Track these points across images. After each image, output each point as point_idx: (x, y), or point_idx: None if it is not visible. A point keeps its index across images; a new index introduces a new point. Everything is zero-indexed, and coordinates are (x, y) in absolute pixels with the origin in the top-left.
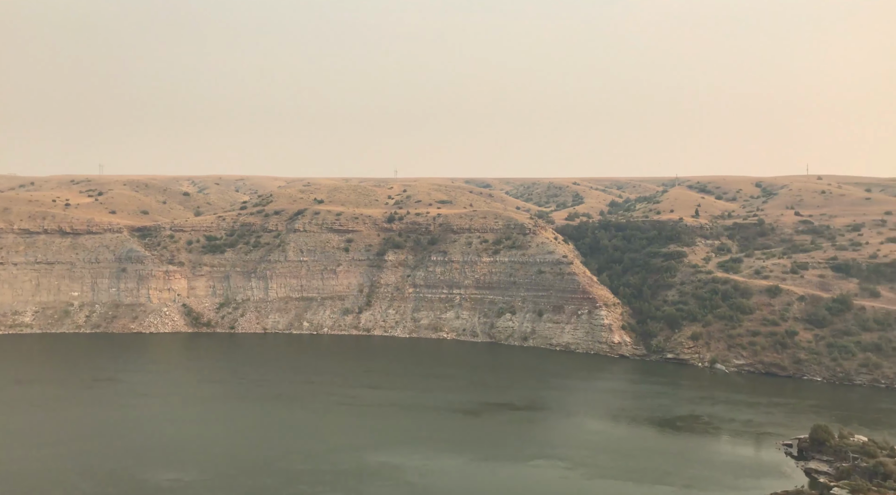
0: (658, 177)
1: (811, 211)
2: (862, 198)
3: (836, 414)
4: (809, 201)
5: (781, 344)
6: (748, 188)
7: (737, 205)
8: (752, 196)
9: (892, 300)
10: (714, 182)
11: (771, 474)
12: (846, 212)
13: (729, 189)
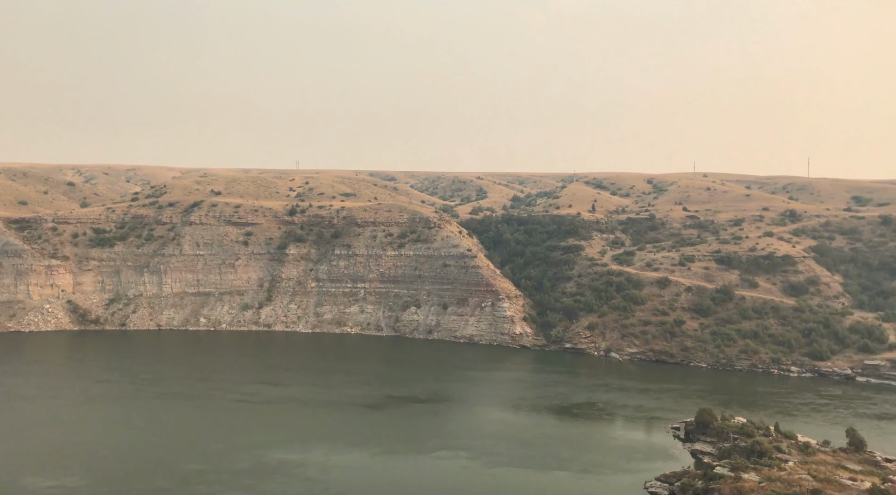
0: (557, 173)
1: (697, 206)
2: (743, 194)
3: (719, 397)
4: (696, 197)
5: (670, 332)
6: (641, 185)
7: (630, 201)
8: (645, 192)
9: (768, 290)
10: (609, 178)
11: (660, 456)
12: (729, 207)
13: (623, 185)
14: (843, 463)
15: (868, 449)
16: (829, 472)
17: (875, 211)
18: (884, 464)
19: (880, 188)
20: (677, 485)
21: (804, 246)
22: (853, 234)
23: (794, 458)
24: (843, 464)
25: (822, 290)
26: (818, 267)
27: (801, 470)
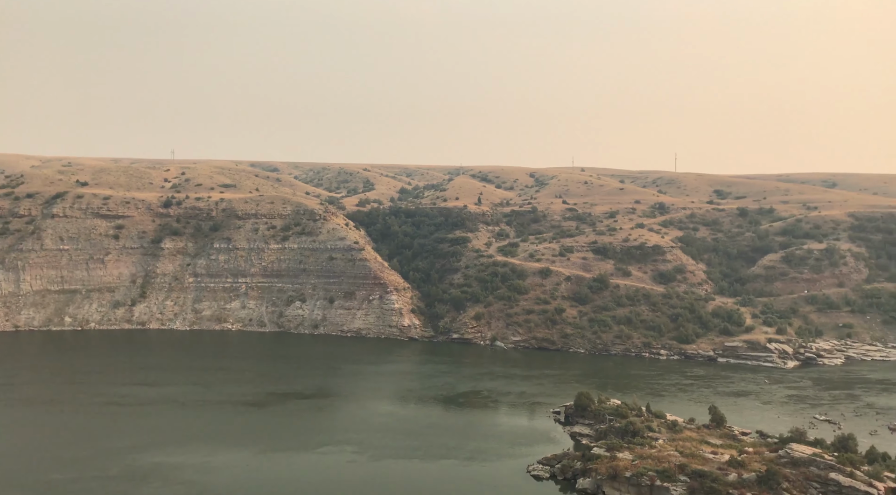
0: (444, 166)
1: (576, 199)
2: (617, 188)
3: (596, 381)
4: (574, 191)
5: (552, 320)
6: (523, 178)
7: (514, 194)
8: (527, 185)
9: (640, 278)
10: (494, 172)
11: (542, 440)
12: (604, 200)
13: (507, 179)
14: (706, 438)
15: (727, 424)
16: (694, 448)
17: (734, 203)
18: (740, 437)
19: (738, 182)
20: (558, 467)
21: (672, 236)
22: (715, 225)
23: (663, 436)
24: (707, 439)
25: (688, 278)
26: (684, 256)
27: (670, 446)
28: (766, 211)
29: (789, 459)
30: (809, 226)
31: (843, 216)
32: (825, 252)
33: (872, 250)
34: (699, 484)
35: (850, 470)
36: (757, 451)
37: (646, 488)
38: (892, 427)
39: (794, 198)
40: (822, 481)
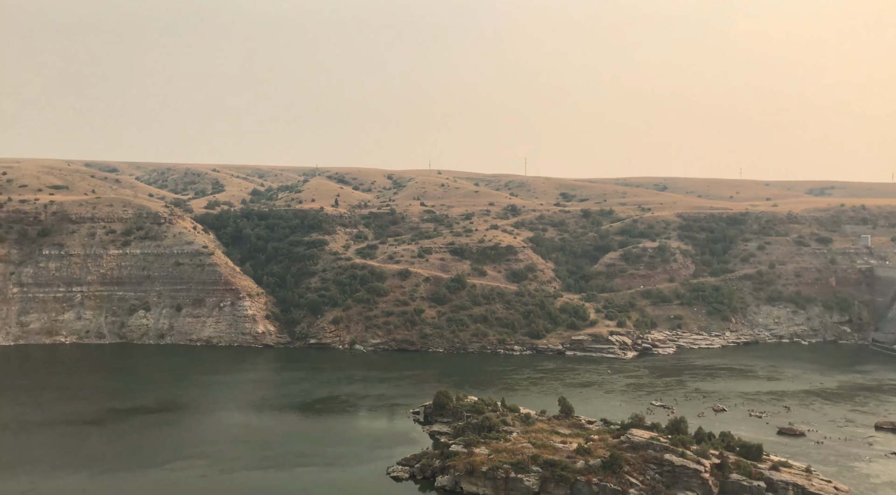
0: (299, 167)
1: (434, 202)
2: (472, 191)
3: (455, 379)
4: (432, 193)
5: (411, 321)
6: (381, 180)
7: (372, 196)
8: (385, 187)
9: (495, 278)
10: (351, 173)
11: (402, 441)
12: (461, 202)
13: (365, 180)
14: (556, 428)
15: (575, 414)
16: (546, 439)
17: (578, 206)
18: (587, 426)
19: (582, 186)
20: (417, 467)
21: (523, 237)
22: (562, 226)
23: (517, 429)
24: (557, 430)
25: (539, 276)
26: (535, 255)
27: (524, 439)
28: (606, 212)
29: (630, 444)
30: (644, 226)
31: (672, 217)
32: (658, 250)
33: (698, 247)
34: (550, 473)
35: (681, 450)
36: (602, 438)
37: (501, 481)
38: (716, 408)
39: (630, 201)
40: (658, 462)
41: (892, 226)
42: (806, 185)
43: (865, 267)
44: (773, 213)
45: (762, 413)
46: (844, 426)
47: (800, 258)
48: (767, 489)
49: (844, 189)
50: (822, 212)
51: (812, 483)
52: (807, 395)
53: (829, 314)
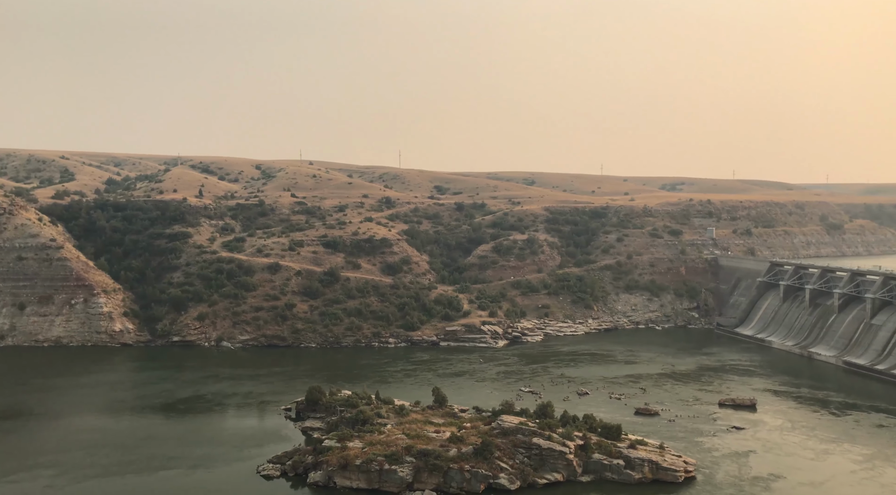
0: (160, 156)
1: (305, 193)
2: (346, 182)
3: (328, 374)
4: (303, 184)
5: (282, 316)
6: (249, 170)
7: (239, 186)
8: (254, 178)
9: (369, 271)
10: (217, 163)
11: (273, 439)
12: (333, 194)
13: (231, 170)
14: (430, 418)
15: (449, 403)
16: (419, 429)
17: (452, 199)
18: (460, 415)
19: (455, 179)
20: (289, 464)
21: (398, 229)
22: (436, 219)
23: (392, 421)
24: (431, 420)
25: (413, 269)
26: (410, 248)
27: (398, 430)
28: (479, 205)
29: (501, 430)
30: (514, 219)
31: (540, 210)
32: (527, 242)
33: (563, 240)
34: (424, 462)
35: (548, 433)
36: (474, 426)
37: (375, 473)
38: (580, 392)
39: (501, 194)
40: (527, 446)
41: (733, 220)
42: (660, 181)
43: (711, 257)
44: (630, 207)
45: (621, 395)
46: (693, 404)
47: (654, 249)
48: (626, 466)
49: (693, 185)
50: (673, 207)
51: (665, 458)
52: (660, 377)
53: (680, 301)
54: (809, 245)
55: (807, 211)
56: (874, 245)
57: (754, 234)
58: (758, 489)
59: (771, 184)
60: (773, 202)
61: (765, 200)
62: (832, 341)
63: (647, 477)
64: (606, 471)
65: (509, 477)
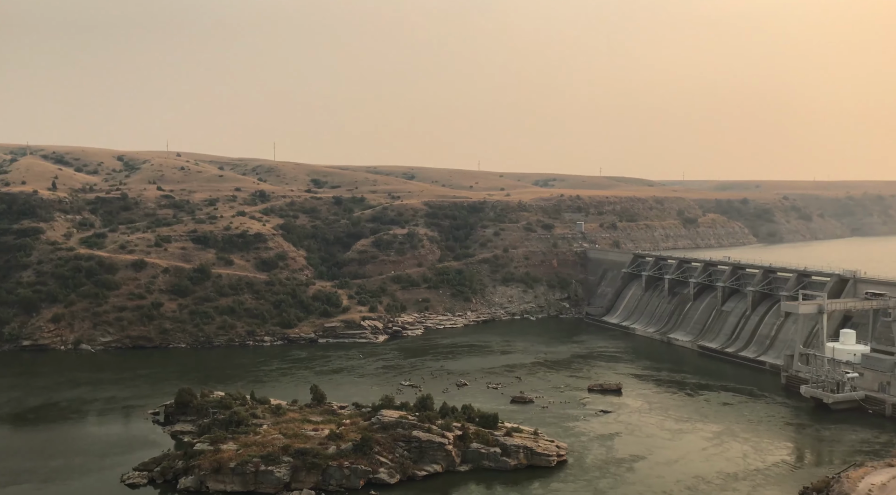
0: (5, 145)
1: (172, 186)
2: (216, 175)
3: (199, 375)
4: (171, 177)
5: (148, 316)
6: (110, 161)
7: (99, 179)
8: (115, 170)
9: (243, 267)
10: (73, 153)
11: (139, 446)
12: (203, 187)
13: (90, 161)
14: (308, 417)
15: (328, 400)
16: (297, 428)
17: (330, 192)
18: (339, 411)
19: (333, 173)
20: (157, 471)
21: (273, 224)
22: (313, 213)
23: (268, 421)
24: (309, 418)
25: (290, 264)
26: (286, 243)
27: (274, 430)
28: (358, 200)
29: (380, 424)
30: (394, 213)
31: (420, 205)
32: (407, 236)
33: (443, 234)
34: (302, 461)
35: (428, 426)
36: (353, 422)
37: (251, 475)
38: (459, 384)
39: (381, 189)
40: (407, 439)
41: (600, 214)
42: (533, 177)
43: (580, 250)
44: (506, 202)
45: (498, 384)
46: (564, 390)
47: (528, 243)
48: (502, 454)
49: (564, 181)
50: (546, 202)
51: (539, 444)
52: (534, 365)
53: (553, 292)
54: (668, 238)
55: (666, 206)
56: (724, 237)
57: (619, 228)
58: (622, 470)
59: (634, 181)
60: (635, 198)
61: (628, 196)
62: (688, 327)
63: (523, 463)
64: (484, 460)
65: (389, 472)
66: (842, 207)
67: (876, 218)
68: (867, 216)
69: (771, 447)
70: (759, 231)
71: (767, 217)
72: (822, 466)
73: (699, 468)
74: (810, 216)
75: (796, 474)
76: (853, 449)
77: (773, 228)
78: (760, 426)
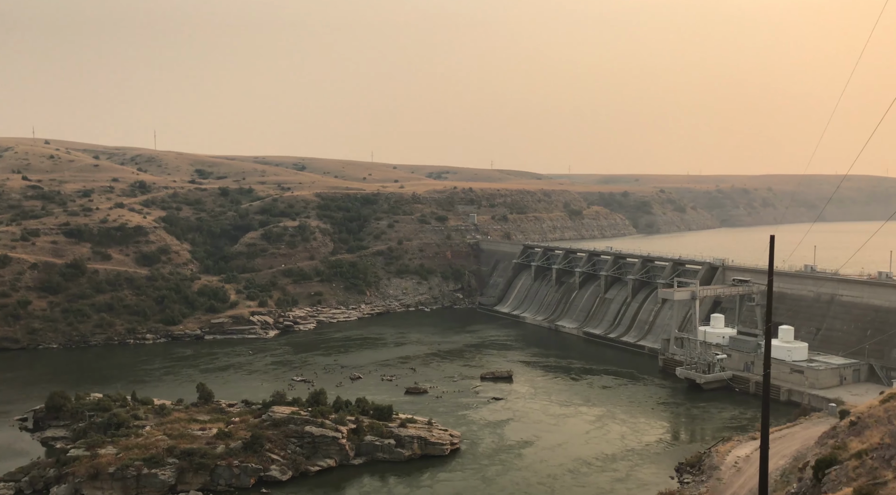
0: None
1: (41, 176)
2: (91, 164)
3: (74, 377)
4: (38, 166)
5: (14, 315)
6: None
7: None
8: None
9: (122, 261)
10: None
11: (5, 455)
12: (76, 177)
13: None
14: (195, 416)
15: (216, 399)
16: (183, 428)
17: (216, 183)
18: (227, 410)
19: (219, 163)
20: (25, 481)
21: (155, 216)
22: (198, 205)
23: (151, 423)
24: (195, 418)
25: (173, 258)
26: (169, 236)
27: (158, 431)
28: (245, 191)
29: (271, 421)
30: (284, 205)
31: (311, 196)
32: (298, 229)
33: (336, 226)
34: (188, 462)
35: (321, 420)
36: (243, 420)
37: (132, 479)
38: (353, 377)
39: (270, 179)
40: (299, 435)
41: (492, 206)
42: (427, 169)
43: (473, 241)
44: (400, 194)
45: (392, 376)
46: (458, 380)
47: (423, 235)
48: (396, 445)
49: (457, 174)
50: (439, 194)
51: (433, 433)
52: (428, 356)
53: (447, 283)
54: (555, 229)
55: (553, 198)
56: (607, 228)
57: (510, 220)
58: (511, 456)
59: (523, 174)
60: (525, 190)
61: (518, 189)
62: (574, 314)
63: (417, 453)
64: (378, 452)
65: (281, 469)
66: (712, 200)
67: (742, 210)
68: (734, 208)
69: (648, 427)
70: (639, 222)
71: (646, 209)
72: (695, 443)
73: (582, 451)
74: (684, 208)
75: (672, 451)
76: (723, 425)
77: (652, 220)
78: (639, 407)
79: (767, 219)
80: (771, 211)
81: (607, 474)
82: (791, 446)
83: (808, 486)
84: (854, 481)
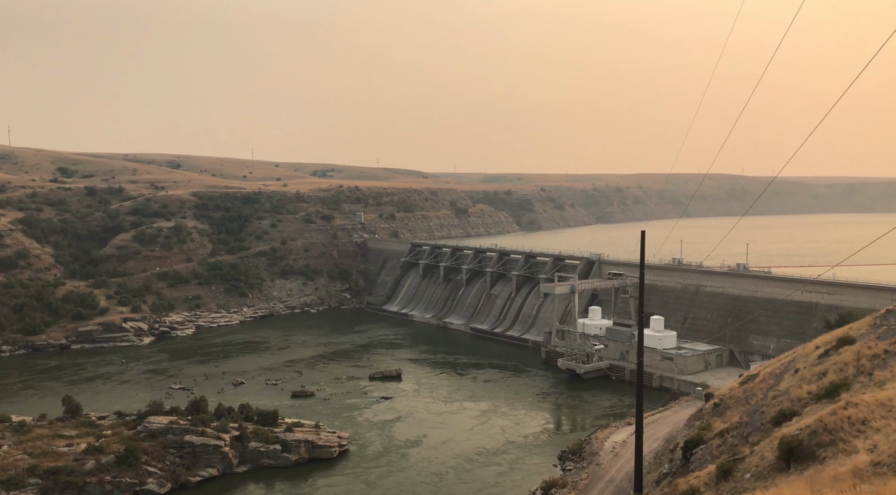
0: None
1: None
2: None
3: None
4: None
5: None
6: None
7: None
8: None
9: None
10: None
11: None
12: None
13: None
14: (60, 432)
15: (84, 412)
16: (47, 445)
17: (81, 182)
18: (98, 423)
19: (84, 160)
20: None
21: (11, 218)
22: (62, 206)
23: (9, 441)
24: (61, 433)
25: (33, 263)
26: (27, 239)
27: (17, 450)
28: (115, 190)
29: (148, 432)
30: (158, 205)
31: (188, 196)
32: (174, 230)
33: (214, 226)
34: (53, 481)
35: (202, 429)
36: (116, 432)
37: None
38: (235, 383)
39: (142, 178)
40: (178, 445)
41: (379, 205)
42: (311, 168)
43: (360, 240)
44: (283, 193)
45: (278, 380)
46: (346, 381)
47: (308, 234)
48: (283, 450)
49: (342, 172)
50: (325, 192)
51: (320, 436)
52: (315, 358)
53: (334, 283)
54: (442, 227)
55: (440, 197)
56: (492, 226)
57: (397, 219)
58: (397, 456)
59: (410, 173)
60: (412, 189)
61: (405, 187)
62: (462, 311)
63: (304, 457)
64: (263, 458)
65: (159, 481)
66: (588, 198)
67: (616, 207)
68: (609, 205)
69: (531, 418)
70: (522, 220)
71: (528, 207)
72: (576, 431)
73: (466, 447)
74: (563, 206)
75: (555, 440)
76: (601, 413)
77: (533, 217)
78: (523, 400)
79: (639, 216)
80: (642, 208)
81: (491, 468)
82: (663, 429)
83: (678, 466)
84: (717, 458)
